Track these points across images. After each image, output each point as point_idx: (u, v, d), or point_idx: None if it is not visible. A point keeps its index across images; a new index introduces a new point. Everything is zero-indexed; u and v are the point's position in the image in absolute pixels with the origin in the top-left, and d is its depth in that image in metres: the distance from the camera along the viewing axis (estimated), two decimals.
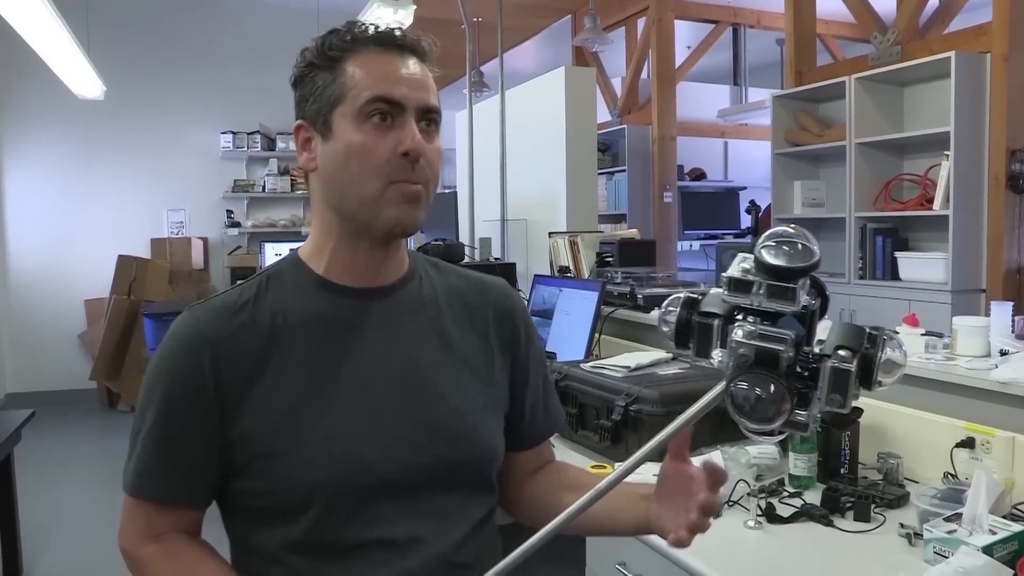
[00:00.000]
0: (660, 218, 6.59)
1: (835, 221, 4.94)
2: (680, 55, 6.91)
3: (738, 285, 0.79)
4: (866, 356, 0.75)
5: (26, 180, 7.04)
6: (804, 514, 1.70)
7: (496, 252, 4.42)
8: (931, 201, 4.30)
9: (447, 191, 8.67)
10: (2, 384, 7.02)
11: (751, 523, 1.67)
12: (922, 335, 2.14)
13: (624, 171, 6.84)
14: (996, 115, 4.06)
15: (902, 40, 4.58)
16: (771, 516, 1.69)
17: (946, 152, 4.13)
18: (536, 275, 3.50)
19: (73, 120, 7.00)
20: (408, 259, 1.21)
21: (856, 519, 1.68)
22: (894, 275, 4.46)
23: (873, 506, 1.71)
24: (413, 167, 1.08)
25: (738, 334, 0.76)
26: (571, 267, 3.77)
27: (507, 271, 3.46)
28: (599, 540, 1.84)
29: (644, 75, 7.12)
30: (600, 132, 6.99)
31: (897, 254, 4.47)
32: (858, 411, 1.91)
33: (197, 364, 1.06)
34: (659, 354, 2.41)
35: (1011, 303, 2.07)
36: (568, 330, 3.05)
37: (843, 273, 4.74)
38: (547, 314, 3.21)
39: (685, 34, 7.39)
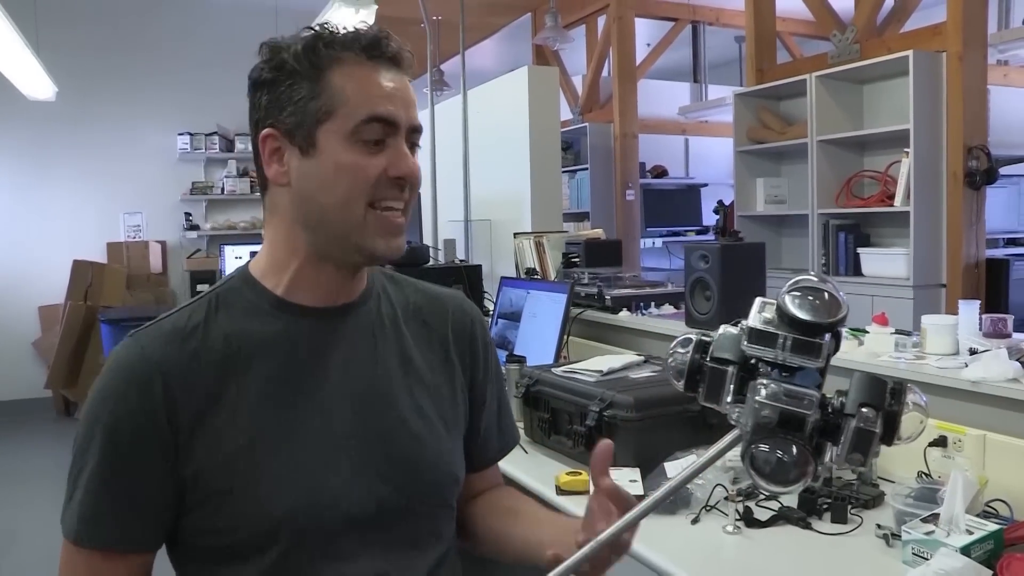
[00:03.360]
0: (623, 216, 6.60)
1: (798, 218, 4.99)
2: (640, 53, 6.93)
3: (761, 337, 0.75)
4: (890, 413, 0.73)
5: None
6: (782, 517, 1.69)
7: (461, 254, 4.39)
8: (892, 197, 4.35)
9: None
10: None
11: (730, 528, 1.66)
12: (892, 333, 2.15)
13: (586, 169, 6.85)
14: (953, 113, 4.12)
15: (861, 38, 4.62)
16: (749, 520, 1.68)
17: (906, 149, 4.18)
18: (503, 277, 3.48)
19: (24, 122, 6.84)
20: (366, 274, 1.15)
21: (833, 521, 1.69)
22: (857, 271, 4.51)
23: (850, 507, 1.71)
24: (401, 188, 1.03)
25: (761, 394, 0.73)
26: (537, 268, 3.75)
27: (473, 273, 3.44)
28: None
29: (605, 73, 7.13)
30: (562, 130, 6.99)
31: (859, 250, 4.52)
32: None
33: (147, 396, 0.98)
34: (631, 357, 2.40)
35: (978, 301, 2.09)
36: (536, 333, 3.03)
37: (806, 269, 4.77)
38: (515, 316, 3.19)
39: (645, 32, 7.41)
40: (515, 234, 3.99)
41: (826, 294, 0.75)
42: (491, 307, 3.45)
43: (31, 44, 4.80)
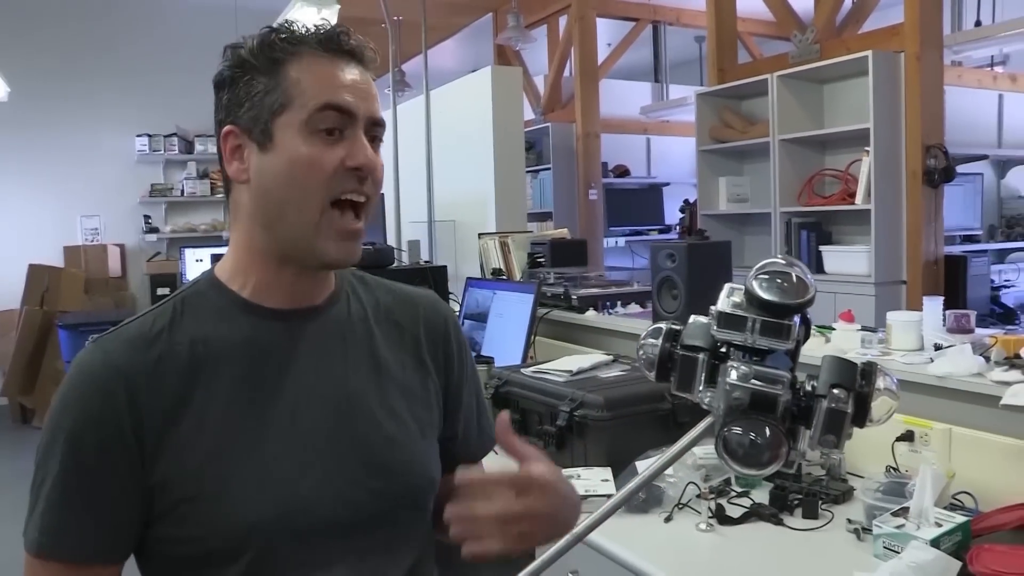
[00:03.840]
0: (586, 216, 6.62)
1: (760, 216, 5.03)
2: (601, 53, 6.95)
3: (730, 321, 0.75)
4: (861, 394, 0.73)
5: None
6: (754, 514, 1.71)
7: (425, 255, 4.37)
8: (853, 196, 4.40)
9: None
10: None
11: (703, 526, 1.67)
12: (858, 330, 2.18)
13: (549, 169, 6.86)
14: (911, 112, 4.18)
15: (821, 39, 4.68)
16: (722, 517, 1.69)
17: (866, 148, 4.23)
18: (469, 278, 3.47)
19: None
20: (335, 276, 1.13)
21: (805, 516, 1.70)
22: (819, 268, 4.56)
23: (820, 502, 1.73)
24: (360, 180, 1.01)
25: (732, 376, 0.73)
26: (503, 268, 3.74)
27: (439, 274, 3.42)
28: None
29: (567, 73, 7.15)
30: (524, 130, 7.00)
31: (821, 248, 4.57)
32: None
33: (111, 403, 0.94)
34: (599, 357, 2.40)
35: (942, 298, 2.13)
36: (503, 333, 3.03)
37: None
38: (481, 317, 3.19)
39: (606, 32, 7.44)
40: (480, 234, 3.98)
41: (794, 276, 0.75)
42: (457, 308, 3.44)
43: None
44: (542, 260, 3.60)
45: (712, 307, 0.78)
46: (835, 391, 0.72)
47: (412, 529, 1.10)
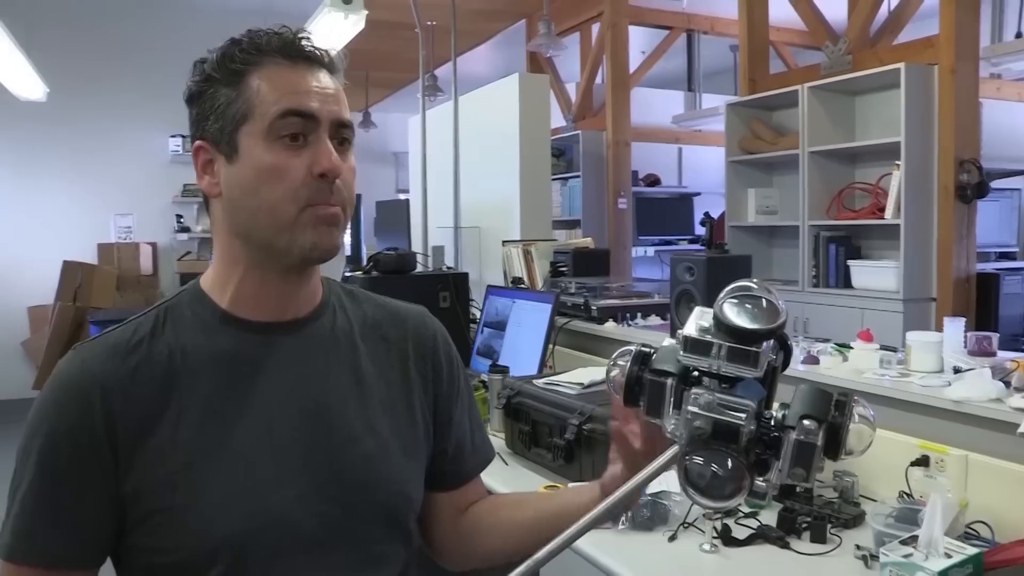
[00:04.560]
0: (615, 224, 6.58)
1: (788, 229, 4.97)
2: (635, 60, 6.91)
3: (695, 346, 0.73)
4: (833, 425, 0.70)
5: None
6: (760, 536, 1.68)
7: (449, 261, 4.37)
8: (883, 210, 4.33)
9: (402, 195, 8.60)
10: None
11: (707, 546, 1.64)
12: (877, 350, 2.14)
13: (579, 177, 6.83)
14: (944, 126, 4.11)
15: (853, 50, 4.61)
16: (727, 539, 1.66)
17: (897, 162, 4.16)
18: (489, 286, 3.46)
19: (15, 123, 6.82)
20: (321, 288, 1.12)
21: (812, 540, 1.67)
22: (847, 283, 4.49)
23: (829, 526, 1.69)
24: (331, 189, 0.99)
25: (694, 404, 0.70)
26: (525, 277, 3.73)
27: (460, 280, 3.41)
28: (551, 565, 1.80)
29: (599, 80, 7.11)
30: (554, 137, 6.97)
31: (850, 262, 4.51)
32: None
33: (85, 410, 0.95)
34: None
35: (963, 319, 2.08)
36: (521, 343, 3.01)
37: (796, 281, 4.77)
38: (500, 326, 3.17)
39: (640, 39, 7.40)
40: (503, 242, 3.97)
41: (764, 301, 0.72)
42: (478, 315, 3.43)
43: (22, 45, 4.78)
44: (564, 269, 3.58)
45: (679, 331, 0.75)
46: (805, 422, 0.69)
47: (389, 546, 1.09)
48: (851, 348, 2.20)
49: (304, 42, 1.02)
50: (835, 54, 4.69)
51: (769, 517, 1.76)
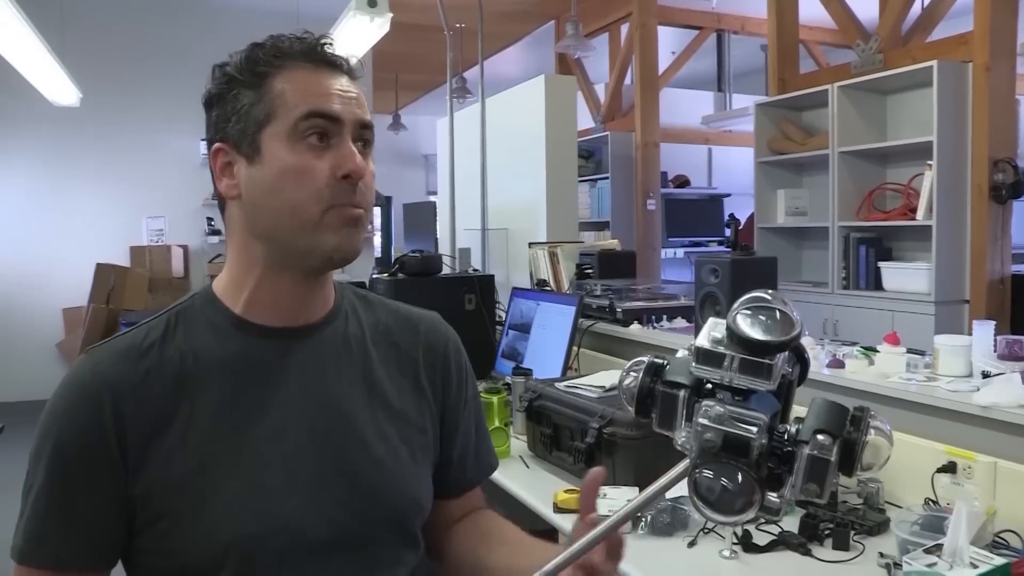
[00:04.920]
0: (644, 226, 6.55)
1: (818, 230, 4.92)
2: (665, 61, 6.88)
3: (708, 357, 0.72)
4: (848, 441, 0.68)
5: (2, 189, 6.94)
6: (781, 543, 1.64)
7: (477, 263, 4.37)
8: (914, 211, 4.27)
9: (432, 197, 8.61)
10: None
11: (727, 552, 1.61)
12: (904, 353, 2.10)
13: (607, 178, 6.80)
14: (978, 125, 4.05)
15: (885, 48, 4.55)
16: (747, 544, 1.64)
17: (929, 162, 4.10)
18: (514, 288, 3.44)
19: (49, 127, 6.91)
20: (334, 294, 1.12)
21: (835, 547, 1.63)
22: (877, 285, 4.43)
23: (853, 533, 1.66)
24: (354, 190, 1.00)
25: (705, 416, 0.70)
26: (551, 278, 3.71)
27: (485, 283, 3.41)
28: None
29: (628, 81, 7.08)
30: (583, 139, 6.96)
31: (880, 264, 4.44)
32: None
33: (96, 414, 0.95)
34: None
35: (993, 322, 2.03)
36: (545, 345, 2.99)
37: (826, 283, 4.71)
38: (525, 328, 3.16)
39: (670, 40, 7.37)
40: (530, 244, 3.96)
41: (777, 312, 0.71)
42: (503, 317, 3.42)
43: (56, 50, 4.85)
44: (590, 271, 3.56)
45: (692, 343, 0.74)
46: (819, 437, 0.68)
47: (397, 552, 1.08)
48: (877, 352, 2.16)
49: (326, 48, 1.03)
50: (866, 52, 4.63)
51: (791, 523, 1.72)
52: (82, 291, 6.89)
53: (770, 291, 0.73)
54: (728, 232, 2.89)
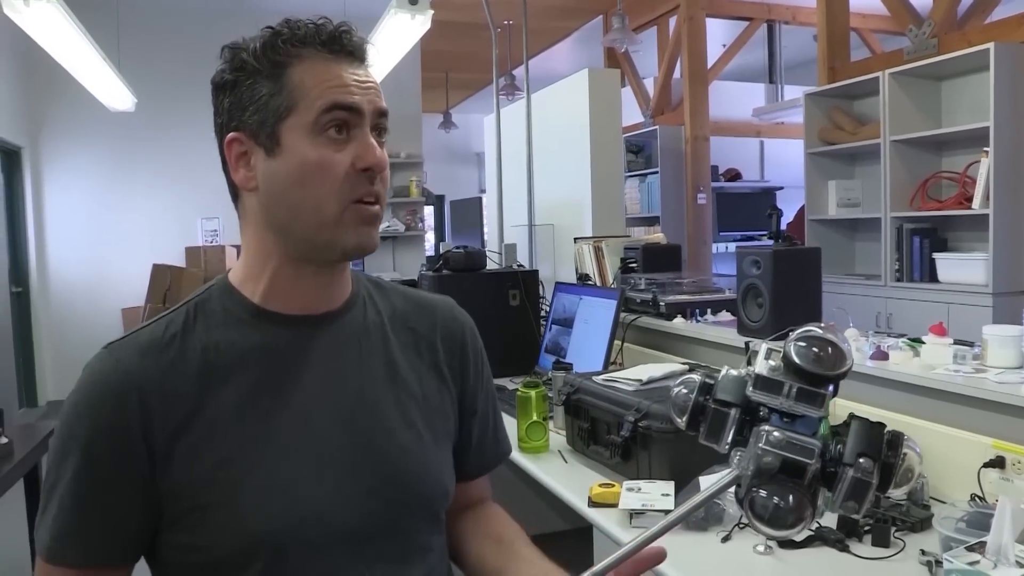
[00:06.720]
0: (694, 220, 6.48)
1: (871, 221, 4.81)
2: (715, 53, 6.79)
3: (767, 385, 0.79)
4: (887, 464, 0.75)
5: (64, 193, 7.17)
6: (818, 538, 1.60)
7: (523, 258, 4.35)
8: (970, 200, 4.14)
9: (482, 193, 8.62)
10: (44, 392, 7.14)
11: (761, 548, 1.58)
12: (950, 344, 2.03)
13: (657, 173, 6.74)
14: None
15: (939, 32, 4.43)
16: (783, 540, 1.60)
17: (985, 148, 3.98)
18: (557, 283, 3.43)
19: (106, 133, 7.10)
20: (352, 281, 1.11)
21: (874, 544, 1.59)
22: (932, 277, 4.32)
23: (894, 530, 1.61)
24: (372, 182, 0.99)
25: (765, 440, 0.76)
26: (595, 273, 3.69)
27: (529, 278, 3.40)
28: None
29: (677, 75, 7.01)
30: (633, 133, 6.91)
31: (935, 255, 4.33)
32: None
33: (122, 411, 0.94)
34: (673, 366, 2.32)
35: None
36: (587, 339, 2.97)
37: (879, 275, 4.60)
38: (567, 323, 3.14)
39: (720, 32, 7.27)
40: (575, 239, 3.94)
41: (830, 347, 0.78)
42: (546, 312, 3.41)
43: (112, 57, 4.96)
44: (634, 265, 3.53)
45: (748, 365, 0.82)
46: (862, 461, 0.74)
47: (425, 537, 1.08)
48: (923, 343, 2.10)
49: (346, 36, 1.01)
50: (919, 38, 4.51)
51: (830, 518, 1.68)
52: (140, 291, 7.05)
53: (824, 324, 0.81)
54: (782, 221, 2.83)
